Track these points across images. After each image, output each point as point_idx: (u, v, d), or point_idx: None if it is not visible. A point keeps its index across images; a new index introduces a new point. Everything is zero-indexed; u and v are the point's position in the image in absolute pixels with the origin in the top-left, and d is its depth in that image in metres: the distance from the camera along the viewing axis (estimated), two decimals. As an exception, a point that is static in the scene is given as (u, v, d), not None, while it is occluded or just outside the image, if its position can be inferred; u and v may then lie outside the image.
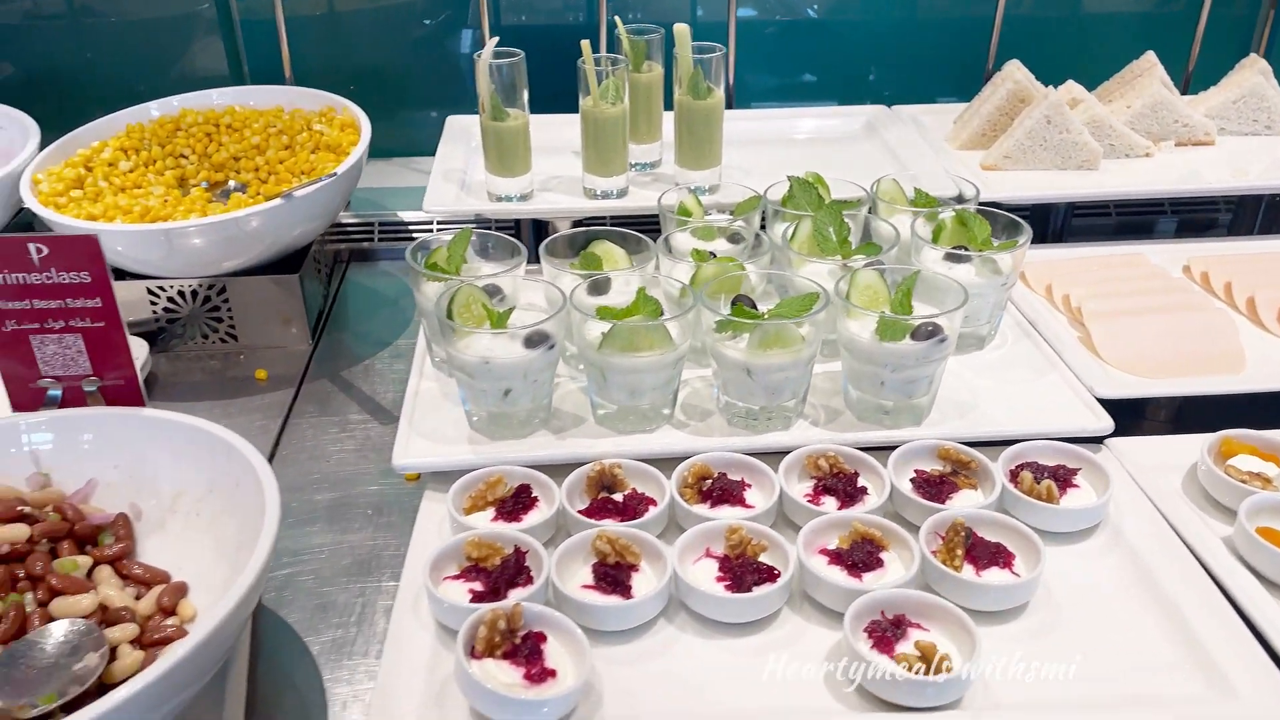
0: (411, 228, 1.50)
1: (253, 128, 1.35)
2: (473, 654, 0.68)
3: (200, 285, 1.20)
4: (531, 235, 1.35)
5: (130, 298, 1.20)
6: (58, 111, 1.44)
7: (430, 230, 1.50)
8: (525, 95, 1.18)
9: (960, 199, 1.18)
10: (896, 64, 1.68)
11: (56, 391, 0.88)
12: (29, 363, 0.87)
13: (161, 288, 1.20)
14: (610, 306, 0.89)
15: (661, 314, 0.89)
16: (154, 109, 1.36)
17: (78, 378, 0.88)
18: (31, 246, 0.82)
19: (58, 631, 0.73)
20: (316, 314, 1.29)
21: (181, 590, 0.80)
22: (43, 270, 0.83)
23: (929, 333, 0.88)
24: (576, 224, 1.33)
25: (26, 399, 0.88)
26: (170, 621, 0.77)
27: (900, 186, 1.15)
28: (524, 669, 0.68)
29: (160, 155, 1.32)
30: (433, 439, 0.92)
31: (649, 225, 1.14)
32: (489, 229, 1.12)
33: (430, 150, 1.41)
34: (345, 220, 1.50)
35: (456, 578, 0.77)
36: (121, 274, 1.19)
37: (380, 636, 0.83)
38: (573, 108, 1.20)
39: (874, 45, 1.67)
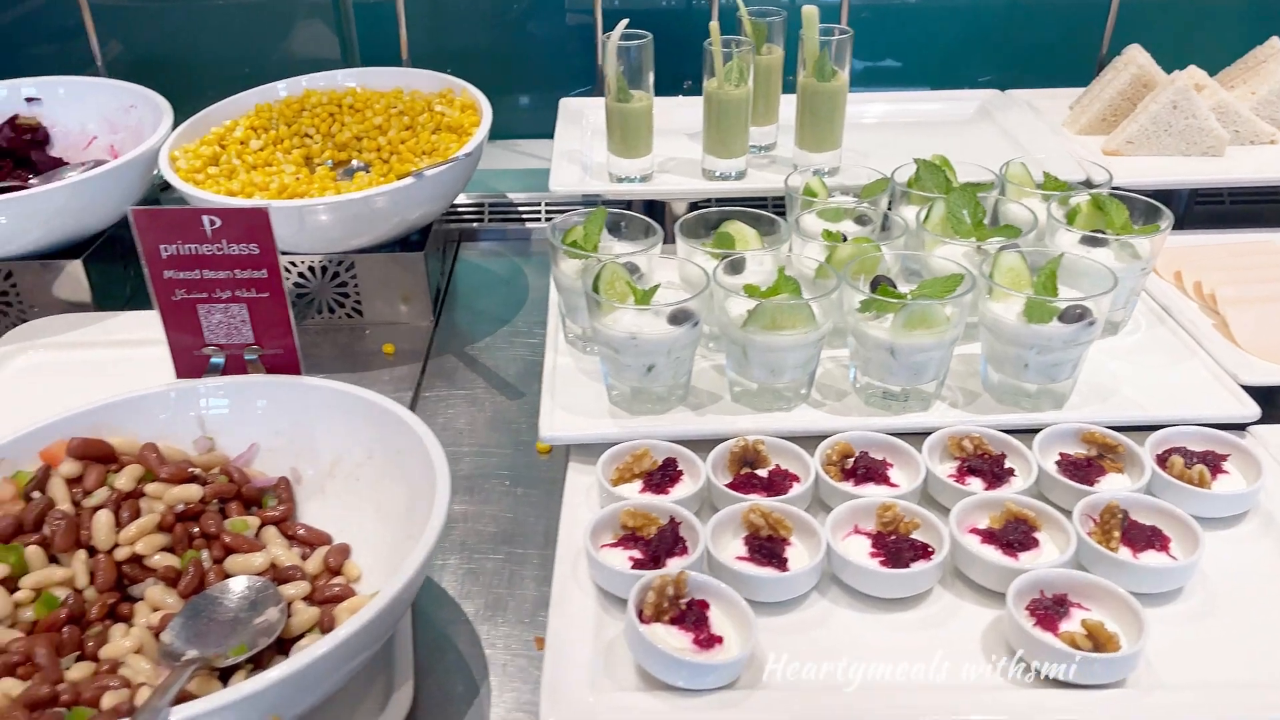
0: (521, 209, 1.52)
1: (374, 108, 1.38)
2: (641, 619, 0.70)
3: (330, 261, 1.24)
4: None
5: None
6: (172, 92, 1.48)
7: (538, 212, 1.52)
8: (650, 77, 1.19)
9: (1089, 184, 1.17)
10: (1004, 49, 1.66)
11: (219, 359, 0.91)
12: (195, 331, 0.90)
13: (293, 263, 1.24)
14: (754, 285, 0.90)
15: (802, 294, 0.90)
16: (281, 89, 1.40)
17: (240, 346, 0.91)
18: (205, 219, 0.85)
19: (237, 587, 0.77)
20: (435, 292, 1.32)
21: (345, 551, 0.83)
22: (214, 242, 0.86)
23: (1077, 315, 0.87)
24: (692, 205, 1.34)
25: (191, 365, 0.92)
26: (337, 581, 0.80)
27: (1028, 170, 1.14)
28: (692, 634, 0.70)
29: (287, 135, 1.35)
30: (575, 412, 0.94)
31: (760, 207, 1.15)
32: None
33: (528, 132, 1.44)
34: (456, 201, 1.53)
35: (614, 545, 0.79)
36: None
37: (530, 601, 0.86)
38: (676, 90, 1.21)
39: (981, 30, 1.65)
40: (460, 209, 1.52)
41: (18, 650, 0.69)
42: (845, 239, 1.02)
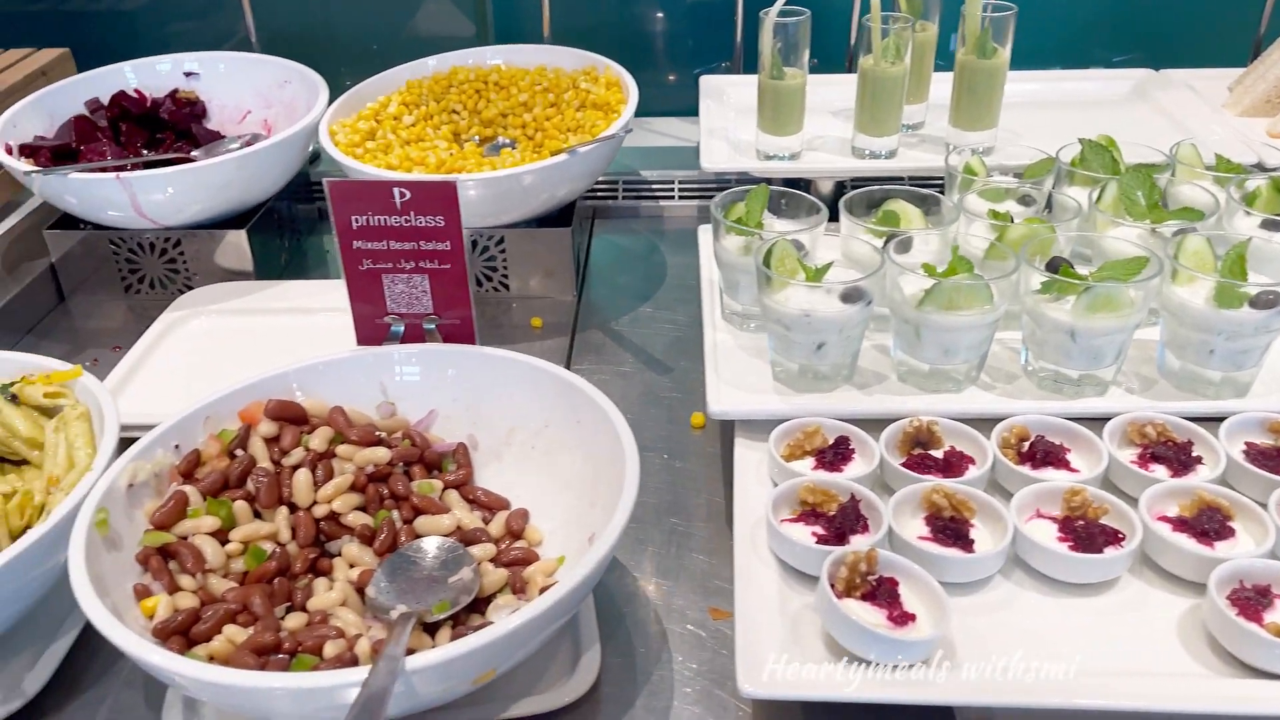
0: (655, 187, 1.53)
1: (519, 85, 1.40)
2: (834, 594, 0.71)
3: (479, 235, 1.26)
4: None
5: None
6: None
7: (670, 190, 1.53)
8: (806, 55, 1.18)
9: (1261, 167, 1.13)
10: (1143, 28, 1.60)
11: (399, 328, 0.94)
12: (378, 300, 0.93)
13: (444, 236, 1.27)
14: (930, 265, 0.89)
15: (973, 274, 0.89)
16: (430, 64, 1.43)
17: (419, 316, 0.94)
18: (395, 190, 0.88)
19: (430, 547, 0.79)
20: (578, 267, 1.34)
21: (525, 515, 0.85)
22: (403, 213, 0.89)
23: (1270, 301, 0.85)
24: (838, 184, 1.33)
25: (372, 333, 0.95)
26: (519, 544, 0.83)
27: (1198, 152, 1.10)
28: (886, 610, 0.70)
29: (436, 110, 1.38)
30: (740, 388, 0.94)
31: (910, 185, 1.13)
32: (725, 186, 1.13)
33: (658, 110, 1.44)
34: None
35: (794, 520, 0.80)
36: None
37: (699, 572, 0.87)
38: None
39: (1120, 7, 1.60)
40: (594, 186, 1.54)
41: (235, 599, 0.73)
42: (1012, 220, 1.00)
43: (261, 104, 1.47)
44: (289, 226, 1.42)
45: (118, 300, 1.31)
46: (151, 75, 1.45)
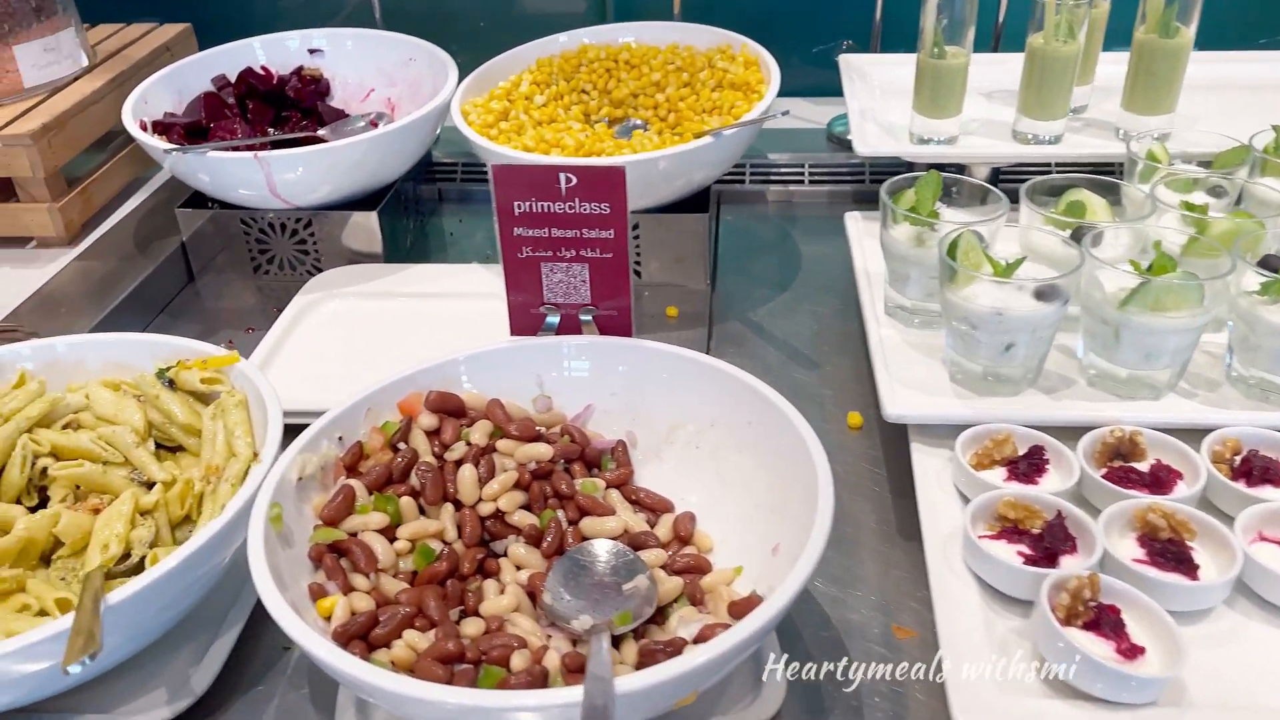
0: (784, 170, 1.47)
1: (651, 64, 1.35)
2: (1056, 621, 0.65)
3: (614, 220, 1.22)
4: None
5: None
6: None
7: (800, 174, 1.47)
8: (971, 32, 1.11)
9: None
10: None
11: (554, 318, 0.91)
12: (535, 289, 0.89)
13: (577, 221, 1.23)
14: (1136, 262, 0.82)
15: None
16: (560, 41, 1.39)
17: (576, 306, 0.90)
18: (561, 176, 0.83)
19: (601, 551, 0.75)
20: (712, 255, 1.29)
21: (692, 519, 0.81)
22: (567, 200, 0.85)
23: None
24: (995, 171, 1.26)
25: (527, 323, 0.91)
26: (688, 550, 0.79)
27: None
28: (1114, 642, 0.64)
29: (565, 90, 1.34)
30: (916, 389, 0.89)
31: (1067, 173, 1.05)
32: (859, 176, 1.07)
33: (784, 90, 1.37)
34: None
35: (994, 537, 0.74)
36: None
37: (875, 585, 0.82)
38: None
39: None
40: (722, 169, 1.48)
41: (409, 601, 0.70)
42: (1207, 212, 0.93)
43: (385, 82, 1.44)
44: (414, 208, 1.39)
45: (246, 280, 1.29)
46: (279, 51, 1.43)
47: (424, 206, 1.43)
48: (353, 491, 0.75)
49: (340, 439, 0.79)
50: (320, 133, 1.35)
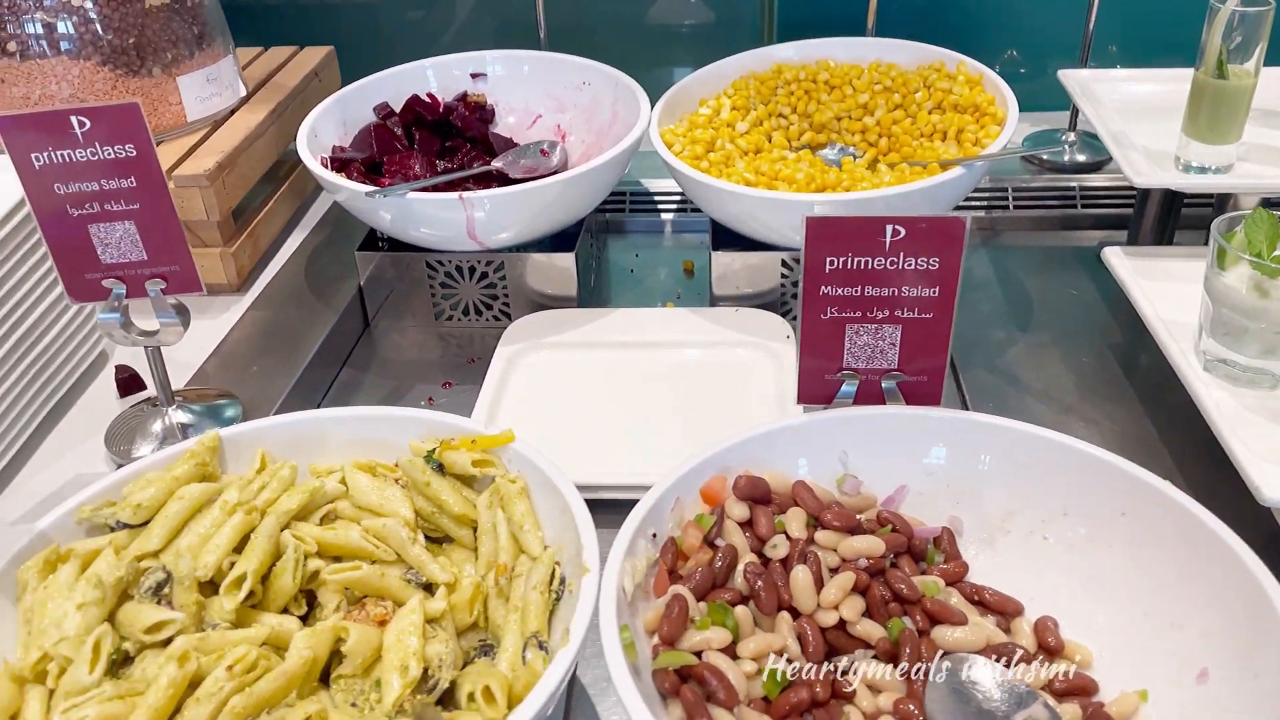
0: (986, 194, 1.36)
1: (855, 84, 1.24)
2: None
3: (837, 258, 1.11)
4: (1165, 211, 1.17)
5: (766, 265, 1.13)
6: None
7: (1004, 200, 1.36)
8: (1260, 50, 0.99)
9: None
10: None
11: (851, 386, 0.80)
12: (834, 353, 0.79)
13: (795, 260, 1.12)
14: None
15: None
16: (748, 60, 1.28)
17: (879, 372, 0.79)
18: (888, 228, 0.73)
19: (983, 678, 0.64)
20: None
21: (1054, 625, 0.70)
22: (889, 254, 0.74)
23: None
24: (1264, 202, 1.14)
25: (819, 390, 0.81)
26: (1059, 665, 0.68)
27: None
28: None
29: (764, 115, 1.24)
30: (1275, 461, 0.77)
31: None
32: (1068, 202, 0.96)
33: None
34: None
35: None
36: (764, 246, 1.11)
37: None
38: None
39: None
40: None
41: (779, 741, 0.59)
42: None
43: (554, 107, 1.34)
44: (598, 247, 1.29)
45: (426, 327, 1.20)
46: (447, 77, 1.33)
47: (598, 242, 1.33)
48: (685, 602, 0.65)
49: (654, 536, 0.69)
50: (494, 164, 1.25)
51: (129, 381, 1.00)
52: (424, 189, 1.09)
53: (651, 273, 1.31)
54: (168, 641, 0.64)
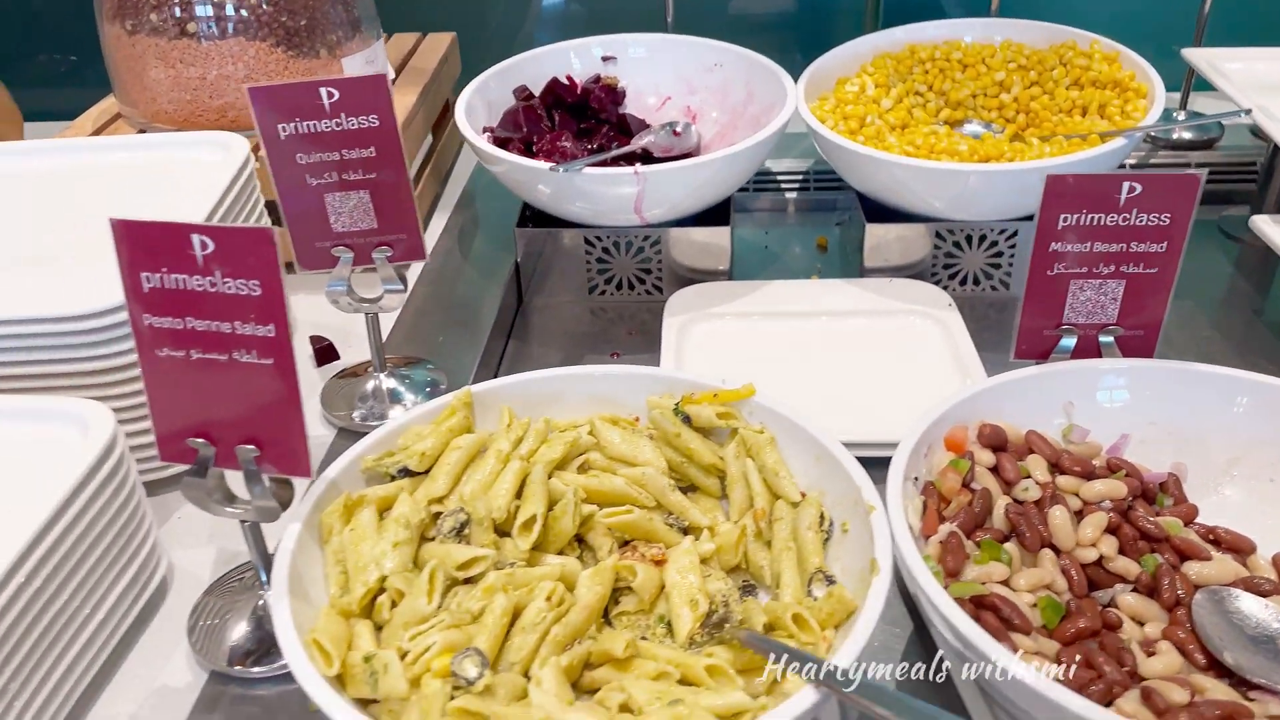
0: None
1: (989, 62, 1.28)
2: None
3: (989, 230, 1.15)
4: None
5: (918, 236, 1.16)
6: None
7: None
8: None
9: None
10: None
11: (1070, 340, 0.83)
12: (1055, 310, 0.82)
13: (950, 230, 1.15)
14: None
15: None
16: (886, 39, 1.31)
17: (1096, 327, 0.82)
18: (1124, 185, 0.76)
19: (1248, 608, 0.67)
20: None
21: (1293, 562, 0.73)
22: (1123, 211, 0.77)
23: None
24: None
25: (1037, 346, 0.84)
26: (1304, 597, 0.71)
27: None
28: None
29: (903, 93, 1.27)
30: None
31: None
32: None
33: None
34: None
35: None
36: (908, 216, 1.15)
37: None
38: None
39: None
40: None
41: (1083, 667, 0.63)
42: None
43: (685, 89, 1.37)
44: (738, 221, 1.32)
45: (580, 302, 1.22)
46: (587, 59, 1.36)
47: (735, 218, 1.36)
48: (960, 539, 0.68)
49: (916, 480, 0.72)
50: (638, 143, 1.28)
51: (325, 351, 1.02)
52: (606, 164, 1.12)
53: (786, 249, 1.34)
54: (469, 580, 0.66)
